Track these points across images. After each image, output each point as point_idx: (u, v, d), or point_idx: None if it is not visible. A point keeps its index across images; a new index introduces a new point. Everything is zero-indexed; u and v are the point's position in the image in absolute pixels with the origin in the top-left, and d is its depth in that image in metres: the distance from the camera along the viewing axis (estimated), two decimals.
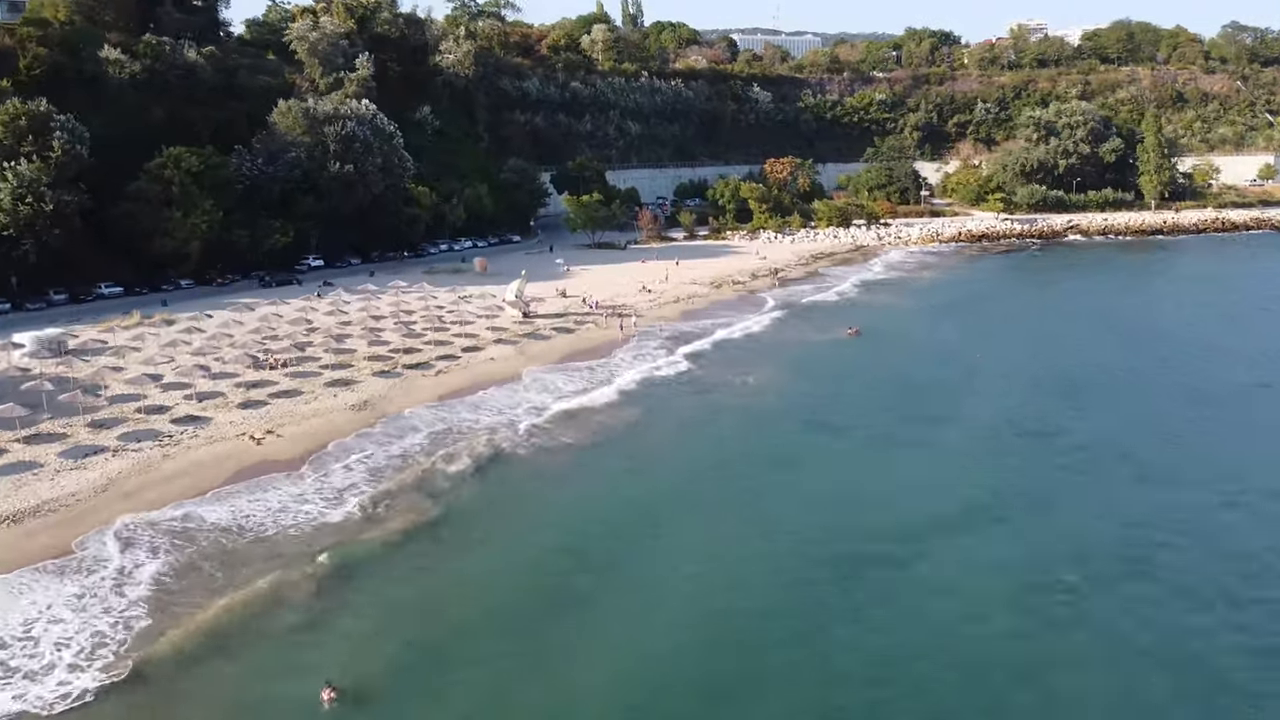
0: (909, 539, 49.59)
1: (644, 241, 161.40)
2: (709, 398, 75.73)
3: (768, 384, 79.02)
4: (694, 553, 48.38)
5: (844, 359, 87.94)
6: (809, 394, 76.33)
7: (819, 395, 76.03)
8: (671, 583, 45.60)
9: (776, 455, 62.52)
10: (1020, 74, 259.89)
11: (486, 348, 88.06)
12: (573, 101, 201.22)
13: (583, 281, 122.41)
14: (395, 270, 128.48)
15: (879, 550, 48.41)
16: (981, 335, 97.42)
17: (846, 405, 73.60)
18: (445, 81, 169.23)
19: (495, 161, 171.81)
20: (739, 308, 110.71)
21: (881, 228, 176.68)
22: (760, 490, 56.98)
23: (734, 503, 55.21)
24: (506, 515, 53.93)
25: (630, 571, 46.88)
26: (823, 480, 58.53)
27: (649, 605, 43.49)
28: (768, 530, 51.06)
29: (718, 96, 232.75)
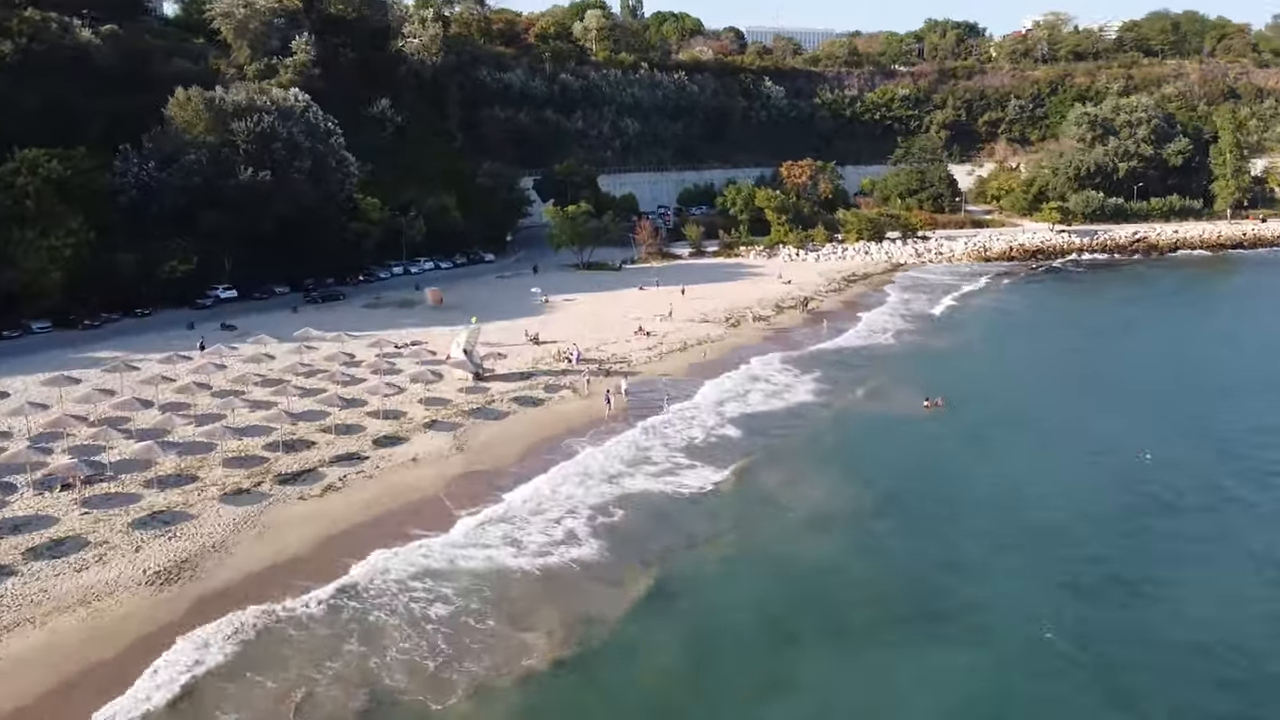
0: None
1: (643, 260, 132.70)
2: (745, 548, 46.96)
3: (832, 515, 50.22)
4: None
5: (939, 460, 58.76)
6: (909, 545, 47.16)
7: (925, 547, 46.83)
8: None
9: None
10: (1055, 68, 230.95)
11: (412, 437, 59.24)
12: (562, 96, 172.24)
13: (563, 319, 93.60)
14: (327, 303, 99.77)
15: None
16: (1118, 408, 68.44)
17: (974, 571, 44.43)
18: (410, 71, 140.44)
19: (470, 164, 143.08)
20: (766, 358, 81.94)
21: (919, 242, 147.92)
22: None
23: None
24: None
25: None
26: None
27: None
28: None
29: (725, 91, 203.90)
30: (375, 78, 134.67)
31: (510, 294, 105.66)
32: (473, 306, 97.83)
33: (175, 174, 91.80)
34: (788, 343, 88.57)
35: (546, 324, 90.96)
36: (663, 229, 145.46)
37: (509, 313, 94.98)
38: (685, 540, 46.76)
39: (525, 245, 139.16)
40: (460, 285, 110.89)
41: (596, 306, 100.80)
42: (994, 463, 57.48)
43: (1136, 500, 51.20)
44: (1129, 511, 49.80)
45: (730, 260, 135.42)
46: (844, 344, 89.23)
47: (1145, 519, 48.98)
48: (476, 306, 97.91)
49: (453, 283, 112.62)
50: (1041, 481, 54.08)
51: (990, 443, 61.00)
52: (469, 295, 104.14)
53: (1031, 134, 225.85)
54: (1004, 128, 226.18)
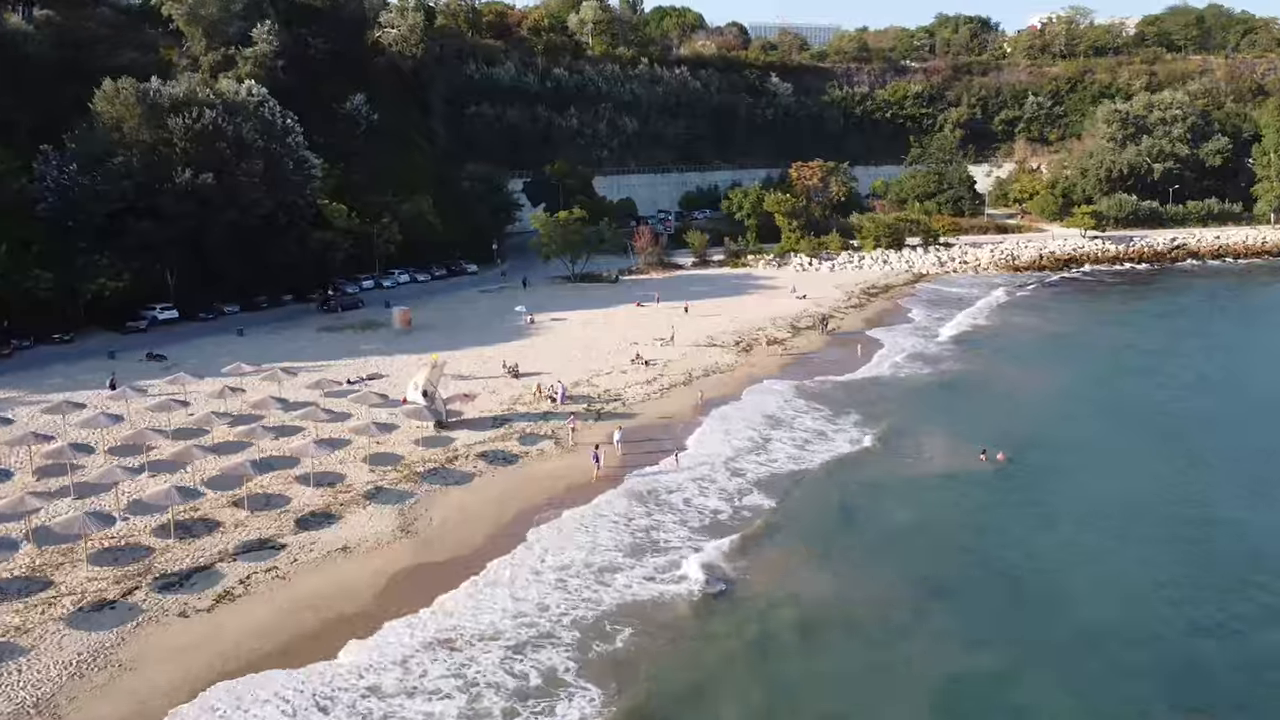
0: None
1: (642, 271, 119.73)
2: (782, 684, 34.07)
3: (890, 634, 37.26)
4: None
5: (1014, 545, 45.70)
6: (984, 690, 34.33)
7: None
8: None
9: None
10: (1074, 64, 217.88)
11: (347, 514, 46.18)
12: (555, 92, 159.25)
13: (550, 344, 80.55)
14: (281, 324, 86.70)
15: None
16: (1220, 460, 55.44)
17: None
18: (388, 64, 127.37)
19: (453, 166, 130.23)
20: (786, 393, 68.91)
21: (942, 249, 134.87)
22: None
23: None
24: None
25: None
26: None
27: None
28: None
29: (730, 88, 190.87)
30: (349, 72, 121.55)
31: (492, 313, 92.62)
32: (448, 328, 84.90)
33: (102, 178, 78.65)
34: (809, 372, 75.46)
35: (530, 350, 77.92)
36: (663, 236, 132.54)
37: (488, 336, 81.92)
38: (702, 675, 33.75)
39: (514, 254, 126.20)
40: (436, 302, 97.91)
41: (589, 328, 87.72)
42: (1077, 547, 44.36)
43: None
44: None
45: (737, 271, 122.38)
46: (872, 373, 76.10)
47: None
48: (452, 328, 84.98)
49: (429, 299, 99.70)
50: (1138, 574, 41.06)
51: (1066, 517, 47.70)
52: (444, 314, 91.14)
53: (1050, 133, 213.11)
54: (1021, 126, 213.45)
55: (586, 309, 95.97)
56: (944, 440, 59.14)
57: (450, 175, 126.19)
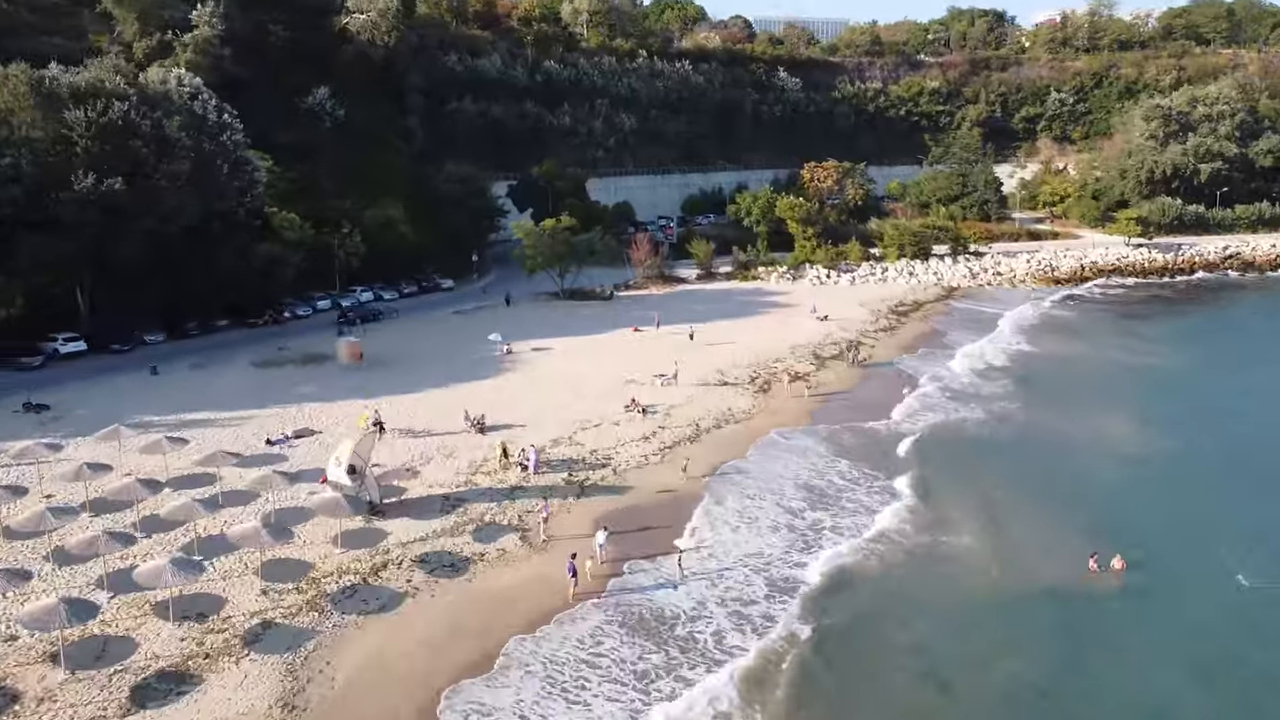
0: None
1: (640, 285, 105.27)
2: None
3: None
4: None
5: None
6: None
7: None
8: None
9: None
10: (1098, 58, 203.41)
11: (212, 674, 31.48)
12: (546, 86, 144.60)
13: (527, 384, 65.99)
14: (211, 356, 72.01)
15: None
16: None
17: None
18: (357, 54, 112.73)
19: (431, 167, 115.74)
20: (818, 453, 54.50)
21: (973, 259, 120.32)
22: None
23: None
24: None
25: None
26: None
27: None
28: None
29: (734, 83, 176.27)
30: (313, 62, 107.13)
31: (463, 340, 77.99)
32: (406, 362, 70.29)
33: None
34: (841, 417, 60.99)
35: (503, 392, 63.36)
36: (664, 245, 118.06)
37: (454, 373, 67.33)
38: None
39: (498, 265, 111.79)
40: (400, 327, 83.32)
41: (576, 360, 73.10)
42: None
43: None
44: None
45: (747, 285, 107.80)
46: (918, 419, 61.56)
47: None
48: (411, 361, 70.37)
49: (391, 322, 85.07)
50: None
51: (1257, 681, 33.40)
52: (407, 342, 76.52)
53: (1074, 131, 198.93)
54: (1044, 124, 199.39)
55: (575, 334, 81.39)
56: (1032, 530, 44.57)
57: (427, 177, 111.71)
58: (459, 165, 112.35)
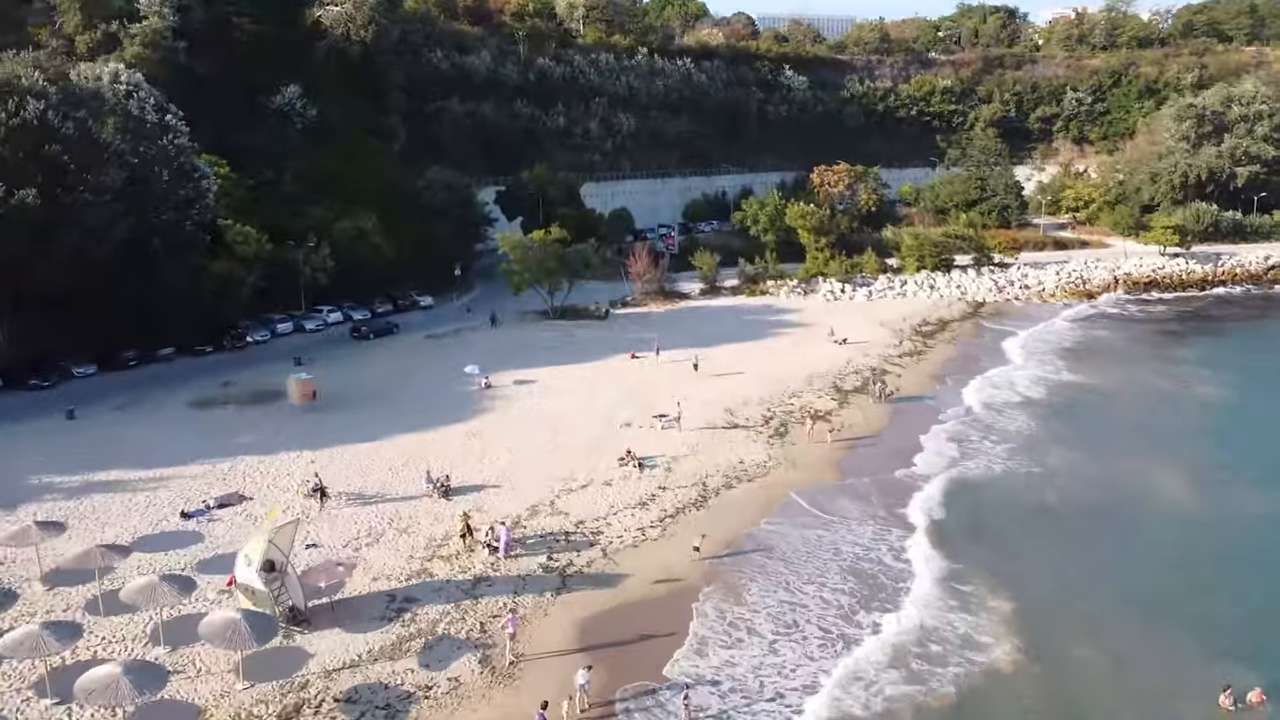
0: None
1: (638, 302, 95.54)
2: None
3: None
4: None
5: None
6: None
7: None
8: None
9: None
10: (1116, 56, 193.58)
11: None
12: (539, 85, 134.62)
13: (505, 429, 56.14)
14: (144, 394, 62.12)
15: None
16: None
17: None
18: (332, 49, 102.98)
19: (413, 172, 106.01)
20: (850, 520, 44.97)
21: (997, 270, 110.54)
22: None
23: None
24: None
25: None
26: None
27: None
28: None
29: (739, 82, 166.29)
30: (282, 57, 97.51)
31: (437, 371, 68.23)
32: (367, 401, 60.61)
33: None
34: (873, 471, 51.47)
35: (476, 441, 53.68)
36: (665, 256, 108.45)
37: (421, 414, 57.61)
38: None
39: (484, 280, 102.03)
40: (367, 354, 73.54)
41: (565, 395, 63.40)
42: None
43: None
44: None
45: (755, 301, 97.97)
46: (966, 472, 52.09)
47: None
48: (372, 401, 60.68)
49: (357, 349, 75.31)
50: None
51: None
52: (371, 375, 66.74)
53: (1092, 132, 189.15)
54: (1060, 125, 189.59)
55: (565, 362, 71.67)
56: (1129, 641, 34.90)
57: (408, 183, 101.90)
58: (443, 170, 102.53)
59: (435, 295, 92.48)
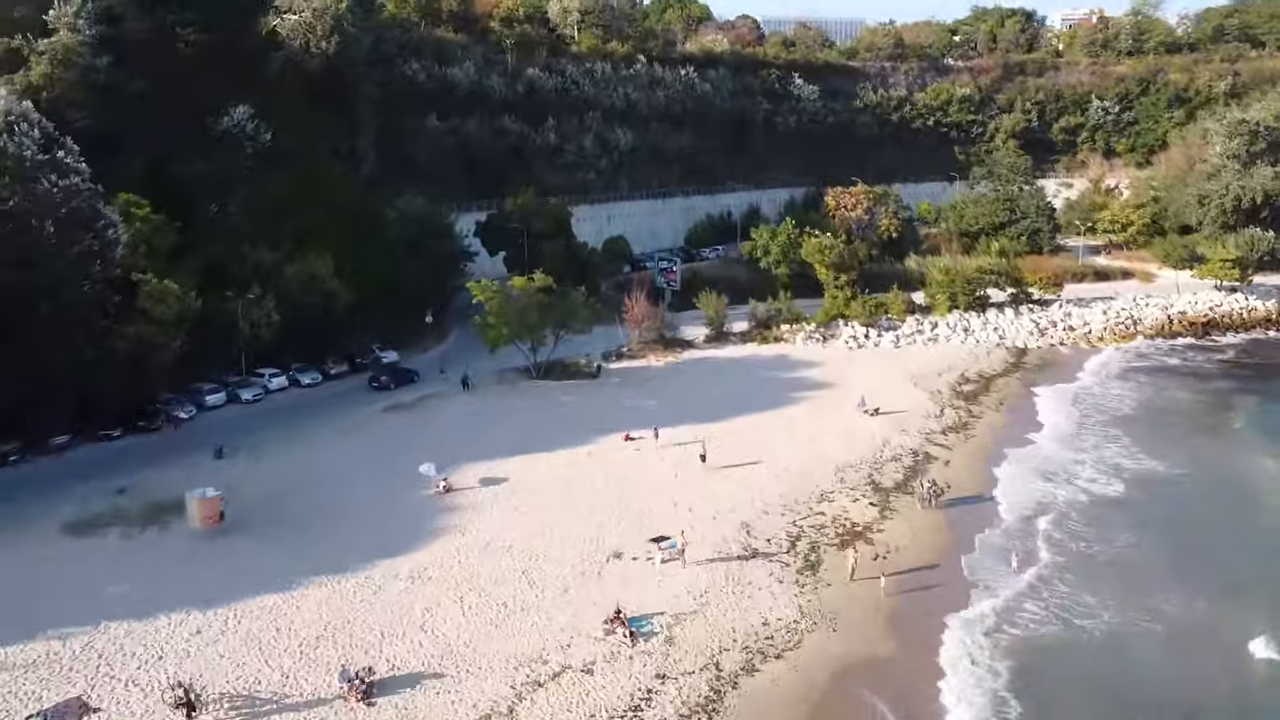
0: None
1: (634, 352, 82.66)
2: None
3: None
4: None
5: None
6: None
7: None
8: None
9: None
10: (1143, 62, 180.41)
11: None
12: (529, 98, 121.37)
13: (461, 563, 42.97)
14: (21, 502, 49.29)
15: None
16: None
17: None
18: (290, 63, 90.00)
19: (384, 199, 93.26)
20: (907, 698, 32.48)
21: (1037, 309, 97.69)
22: None
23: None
24: None
25: None
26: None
27: None
28: None
29: (745, 92, 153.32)
30: (232, 73, 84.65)
31: (386, 466, 55.15)
32: (289, 523, 47.62)
33: None
34: (931, 610, 38.97)
35: (419, 592, 40.74)
36: (667, 292, 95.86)
37: (354, 543, 44.66)
38: None
39: (461, 325, 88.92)
40: (304, 440, 60.24)
41: (540, 508, 50.37)
42: None
43: None
44: None
45: (768, 350, 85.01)
46: (1054, 633, 39.46)
47: None
48: (296, 523, 47.67)
49: (297, 428, 62.06)
50: None
51: None
52: (298, 480, 53.27)
53: (1119, 143, 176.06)
54: (1085, 135, 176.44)
55: (544, 446, 58.71)
56: None
57: (376, 213, 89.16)
58: (415, 198, 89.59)
59: (403, 346, 79.57)
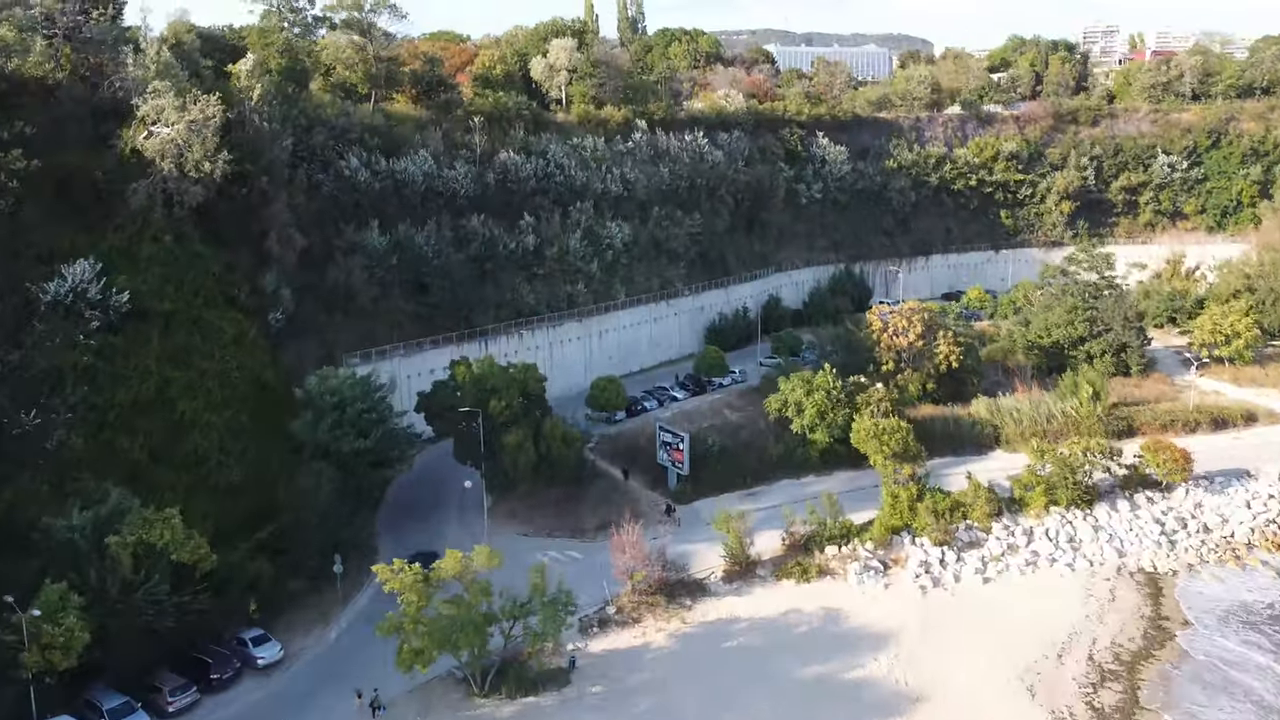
0: None
1: (627, 613, 56.86)
2: None
3: None
4: None
5: None
6: None
7: None
8: None
9: None
10: (1212, 109, 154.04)
11: None
12: (501, 190, 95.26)
13: None
14: None
15: None
16: None
17: None
18: (159, 192, 63.92)
19: (297, 360, 67.89)
20: None
21: (1159, 494, 71.79)
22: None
23: None
24: None
25: None
26: None
27: None
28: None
29: (763, 155, 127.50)
30: (74, 215, 59.55)
31: None
32: None
33: None
34: None
35: None
36: (672, 474, 70.63)
37: None
38: None
39: (395, 536, 63.62)
40: None
41: None
42: None
43: None
44: None
45: (809, 604, 58.65)
46: None
47: None
48: None
49: None
50: None
51: None
52: None
53: (1187, 204, 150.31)
54: (1148, 195, 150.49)
55: None
56: None
57: (278, 396, 63.79)
58: (328, 376, 63.84)
59: (294, 626, 53.91)
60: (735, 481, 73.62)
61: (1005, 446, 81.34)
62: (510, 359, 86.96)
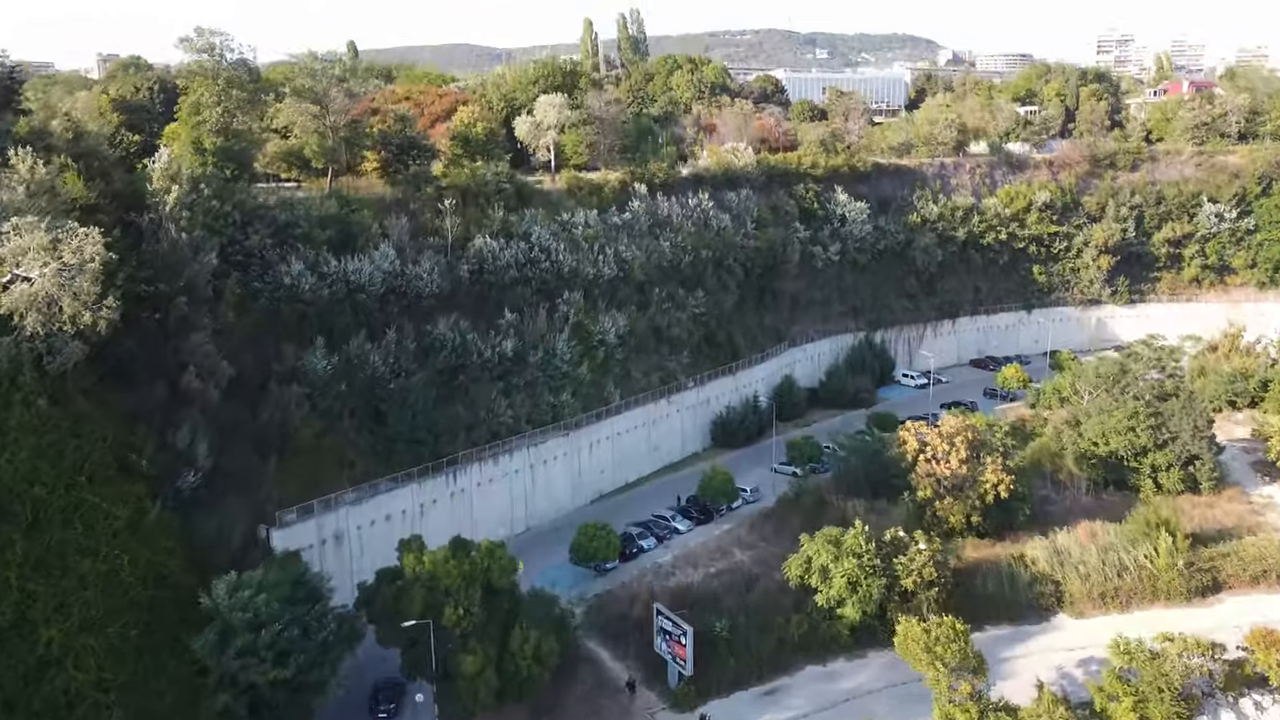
0: None
1: None
2: None
3: None
4: None
5: None
6: None
7: None
8: None
9: None
10: (1261, 150, 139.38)
11: None
12: (474, 285, 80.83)
13: None
14: None
15: None
16: None
17: None
18: (29, 353, 49.72)
19: (213, 548, 53.63)
20: None
21: (1264, 696, 57.69)
22: None
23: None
24: None
25: None
26: None
27: None
28: None
29: (775, 216, 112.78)
30: None
31: None
32: None
33: None
34: None
35: None
36: (672, 671, 56.68)
37: None
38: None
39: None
40: None
41: None
42: None
43: None
44: None
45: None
46: None
47: None
48: None
49: None
50: None
51: None
52: None
53: (1235, 257, 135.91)
54: (1193, 248, 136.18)
55: None
56: None
57: (176, 616, 49.76)
58: (250, 580, 49.78)
59: None
60: (749, 674, 59.65)
61: (1069, 609, 67.35)
62: (484, 486, 73.53)
